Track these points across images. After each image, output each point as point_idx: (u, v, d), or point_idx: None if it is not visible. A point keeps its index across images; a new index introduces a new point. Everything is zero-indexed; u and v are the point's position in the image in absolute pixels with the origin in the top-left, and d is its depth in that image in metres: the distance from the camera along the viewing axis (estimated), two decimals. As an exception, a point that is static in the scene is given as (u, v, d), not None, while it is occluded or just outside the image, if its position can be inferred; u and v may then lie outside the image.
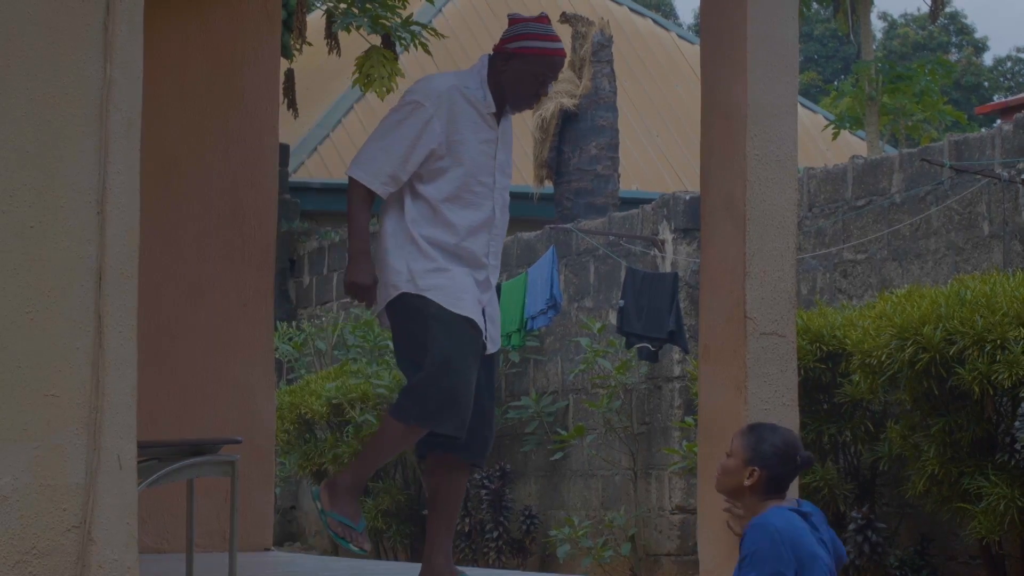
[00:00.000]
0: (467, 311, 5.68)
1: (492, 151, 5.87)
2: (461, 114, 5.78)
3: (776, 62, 6.49)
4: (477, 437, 5.83)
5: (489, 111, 5.84)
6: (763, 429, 4.77)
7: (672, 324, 11.54)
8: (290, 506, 16.52)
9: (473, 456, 5.88)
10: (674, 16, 45.84)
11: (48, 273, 4.45)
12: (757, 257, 6.39)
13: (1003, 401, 8.57)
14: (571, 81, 17.36)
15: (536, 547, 13.58)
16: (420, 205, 5.76)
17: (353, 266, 5.75)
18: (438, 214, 5.75)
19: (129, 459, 4.52)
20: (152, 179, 6.03)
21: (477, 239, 5.81)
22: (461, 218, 5.77)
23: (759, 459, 4.68)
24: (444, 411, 5.64)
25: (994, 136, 10.31)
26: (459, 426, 5.69)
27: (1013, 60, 45.51)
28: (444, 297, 5.68)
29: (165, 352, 7.91)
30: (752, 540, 4.54)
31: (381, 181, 5.74)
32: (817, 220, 11.45)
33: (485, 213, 5.84)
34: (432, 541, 5.87)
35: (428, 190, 5.75)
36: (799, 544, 4.54)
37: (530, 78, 5.84)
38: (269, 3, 8.57)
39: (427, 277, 5.71)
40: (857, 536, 9.52)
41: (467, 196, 5.79)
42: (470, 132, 5.79)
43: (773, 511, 4.62)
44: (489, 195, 5.85)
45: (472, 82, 5.85)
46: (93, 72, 4.53)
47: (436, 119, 5.74)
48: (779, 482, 4.70)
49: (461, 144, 5.77)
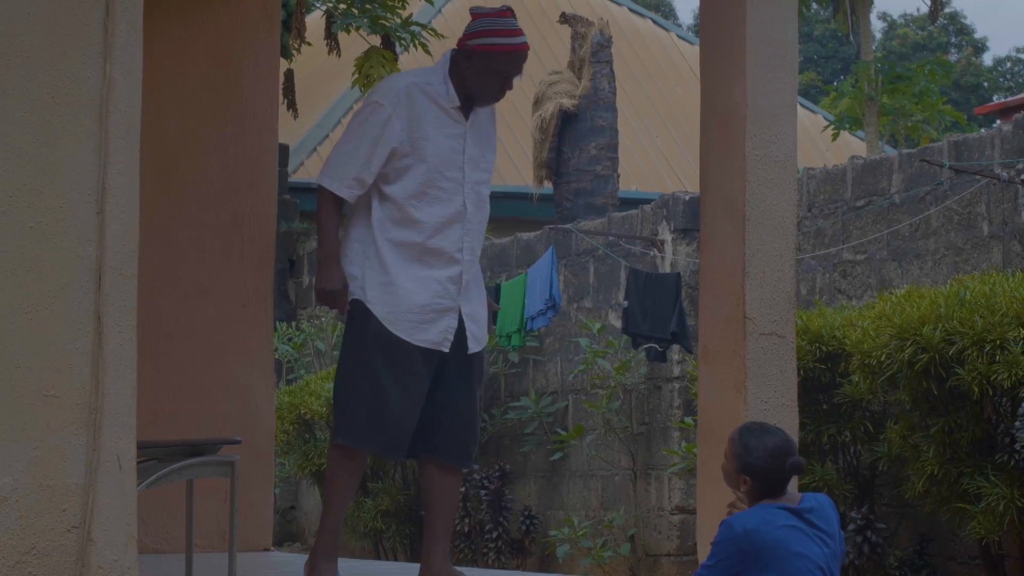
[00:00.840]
0: (404, 332, 5.71)
1: (460, 146, 5.83)
2: (423, 111, 5.78)
3: (775, 62, 6.49)
4: (456, 440, 5.86)
5: (453, 106, 5.82)
6: (750, 436, 4.78)
7: (675, 324, 11.54)
8: (289, 506, 16.52)
9: (455, 459, 5.89)
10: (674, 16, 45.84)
11: (48, 273, 4.45)
12: (756, 257, 6.39)
13: (1003, 401, 8.57)
14: (571, 81, 17.36)
15: (535, 547, 13.58)
16: (387, 206, 5.78)
17: (323, 272, 5.79)
18: (404, 212, 5.75)
19: (129, 459, 4.52)
20: (151, 179, 6.03)
21: (448, 235, 5.79)
22: (428, 215, 5.76)
23: (748, 469, 4.72)
24: (370, 431, 5.73)
25: (993, 137, 10.31)
26: (387, 446, 5.78)
27: (1012, 60, 45.52)
28: (387, 314, 5.73)
29: (165, 352, 7.90)
30: (718, 533, 4.65)
31: (346, 185, 5.77)
32: (816, 220, 11.45)
33: (454, 208, 5.80)
34: (429, 544, 5.90)
35: (393, 189, 5.76)
36: (767, 545, 4.59)
37: (493, 74, 5.81)
38: (268, 3, 8.56)
39: (375, 289, 5.75)
40: (856, 536, 9.52)
41: (433, 192, 5.77)
42: (433, 128, 5.78)
43: (753, 510, 4.68)
44: (459, 190, 5.81)
45: (434, 78, 5.85)
46: (92, 73, 4.53)
47: (395, 118, 5.74)
48: (771, 486, 4.73)
49: (424, 140, 5.76)
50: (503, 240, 14.77)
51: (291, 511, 16.55)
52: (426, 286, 5.75)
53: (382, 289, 5.74)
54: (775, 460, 4.72)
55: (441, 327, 5.78)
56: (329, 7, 11.70)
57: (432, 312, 5.76)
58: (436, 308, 5.76)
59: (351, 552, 14.63)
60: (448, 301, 5.79)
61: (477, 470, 13.69)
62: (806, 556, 4.60)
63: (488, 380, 14.15)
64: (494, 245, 14.84)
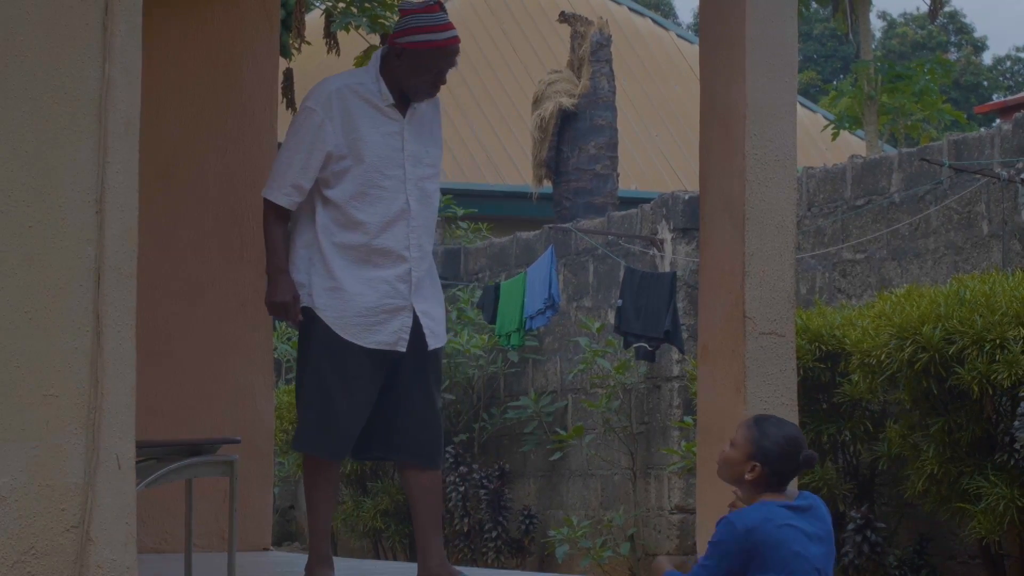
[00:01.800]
0: (354, 337, 5.72)
1: (398, 143, 5.81)
2: (356, 112, 5.77)
3: (775, 62, 6.48)
4: (416, 441, 5.85)
5: (387, 103, 5.81)
6: (768, 424, 4.74)
7: (668, 324, 11.52)
8: (289, 506, 16.51)
9: (420, 460, 5.88)
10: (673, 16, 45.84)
11: (47, 273, 4.45)
12: (756, 257, 6.38)
13: (1002, 401, 8.57)
14: (570, 81, 17.36)
15: (535, 547, 13.57)
16: (330, 210, 5.77)
17: (272, 285, 5.80)
18: (347, 215, 5.75)
19: (128, 459, 4.52)
20: (151, 179, 6.03)
21: (393, 233, 5.78)
22: (370, 215, 5.75)
23: (761, 455, 4.66)
24: (319, 436, 5.77)
25: (993, 136, 10.31)
26: (336, 450, 5.81)
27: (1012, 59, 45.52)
28: (335, 319, 5.74)
29: (164, 352, 7.90)
30: (718, 531, 4.59)
31: (284, 193, 5.79)
32: (816, 220, 11.45)
33: (397, 206, 5.79)
34: (422, 546, 5.92)
35: (334, 193, 5.76)
36: (772, 543, 4.55)
37: (424, 71, 5.79)
38: (267, 2, 8.56)
39: (323, 295, 5.76)
40: (856, 536, 9.52)
41: (374, 192, 5.76)
42: (369, 128, 5.77)
43: (755, 507, 4.63)
44: (400, 187, 5.80)
45: (366, 78, 5.84)
46: (92, 72, 4.53)
47: (328, 121, 5.74)
48: (779, 478, 4.69)
49: (360, 141, 5.75)
50: (502, 239, 14.77)
51: (290, 511, 16.55)
52: (374, 287, 5.75)
53: (329, 294, 5.75)
54: (791, 449, 4.68)
55: (394, 327, 5.77)
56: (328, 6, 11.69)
57: (382, 313, 5.76)
58: (386, 308, 5.76)
59: (350, 552, 14.64)
60: (399, 300, 5.78)
61: (477, 469, 13.69)
62: (805, 556, 4.58)
63: (487, 379, 14.15)
64: (494, 244, 14.84)
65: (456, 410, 14.26)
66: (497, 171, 21.24)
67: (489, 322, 13.42)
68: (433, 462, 5.90)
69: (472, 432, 14.15)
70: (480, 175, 21.05)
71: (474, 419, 14.20)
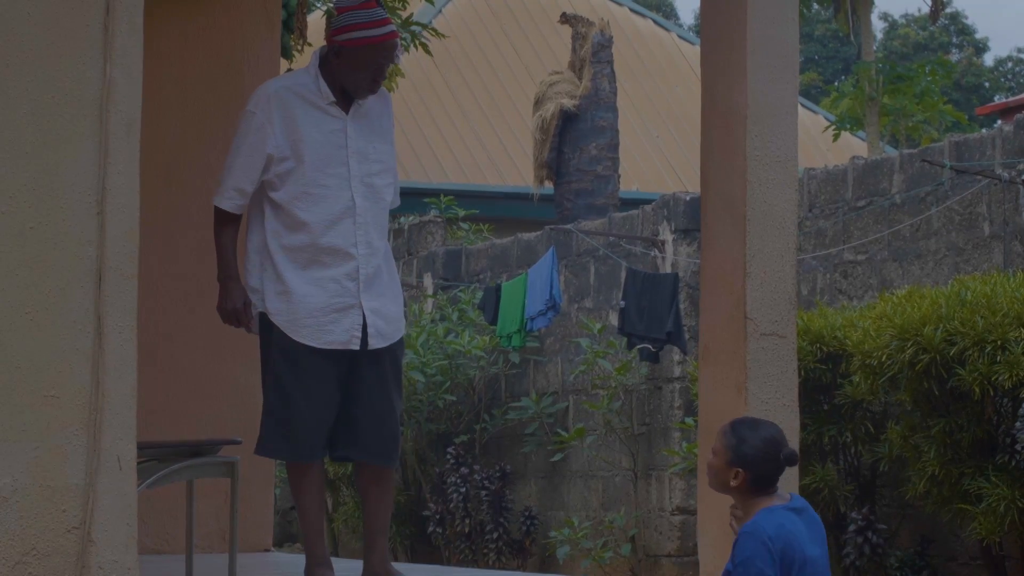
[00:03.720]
0: (307, 338, 5.71)
1: (342, 140, 5.80)
2: (297, 112, 5.77)
3: (776, 63, 6.48)
4: (374, 439, 5.83)
5: (328, 101, 5.80)
6: (743, 428, 4.69)
7: (671, 324, 11.53)
8: (290, 507, 16.50)
9: (374, 458, 5.87)
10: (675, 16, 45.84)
11: (48, 274, 4.45)
12: (757, 258, 6.38)
13: (1003, 402, 8.57)
14: (571, 82, 17.35)
15: (536, 548, 13.57)
16: (277, 212, 5.78)
17: (222, 292, 5.81)
18: (292, 216, 5.75)
19: (129, 460, 4.52)
20: (152, 180, 6.02)
21: (339, 231, 5.76)
22: (314, 215, 5.74)
23: (740, 460, 4.62)
24: (279, 439, 5.77)
25: (994, 137, 10.30)
26: (296, 453, 5.79)
27: (1014, 60, 45.51)
28: (287, 323, 5.74)
29: (165, 352, 7.89)
30: (743, 547, 4.51)
31: (228, 197, 5.82)
32: (817, 221, 11.45)
33: (342, 204, 5.77)
34: (367, 542, 5.93)
35: (279, 195, 5.76)
36: (790, 549, 4.51)
37: (363, 68, 5.78)
38: (269, 3, 8.56)
39: (274, 300, 5.77)
40: (857, 537, 9.52)
41: (317, 191, 5.75)
42: (310, 127, 5.76)
43: (764, 515, 4.57)
44: (345, 185, 5.78)
45: (305, 77, 5.84)
46: (93, 72, 4.53)
47: (267, 123, 5.75)
48: (765, 480, 4.64)
49: (301, 141, 5.75)
50: (504, 240, 14.77)
51: (291, 511, 16.54)
52: (322, 287, 5.75)
53: (279, 298, 5.75)
54: (770, 450, 4.63)
55: (345, 326, 5.76)
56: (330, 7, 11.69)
57: (333, 312, 5.74)
58: (336, 307, 5.75)
59: (351, 552, 14.63)
60: (349, 299, 5.76)
61: (478, 470, 13.69)
62: (812, 560, 4.55)
63: (489, 380, 14.15)
64: (495, 245, 14.84)
65: (457, 411, 14.26)
66: (498, 172, 21.23)
67: (490, 323, 13.42)
68: (390, 460, 5.89)
69: (473, 433, 14.15)
70: (481, 176, 21.05)
71: (475, 420, 14.20)
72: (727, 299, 6.43)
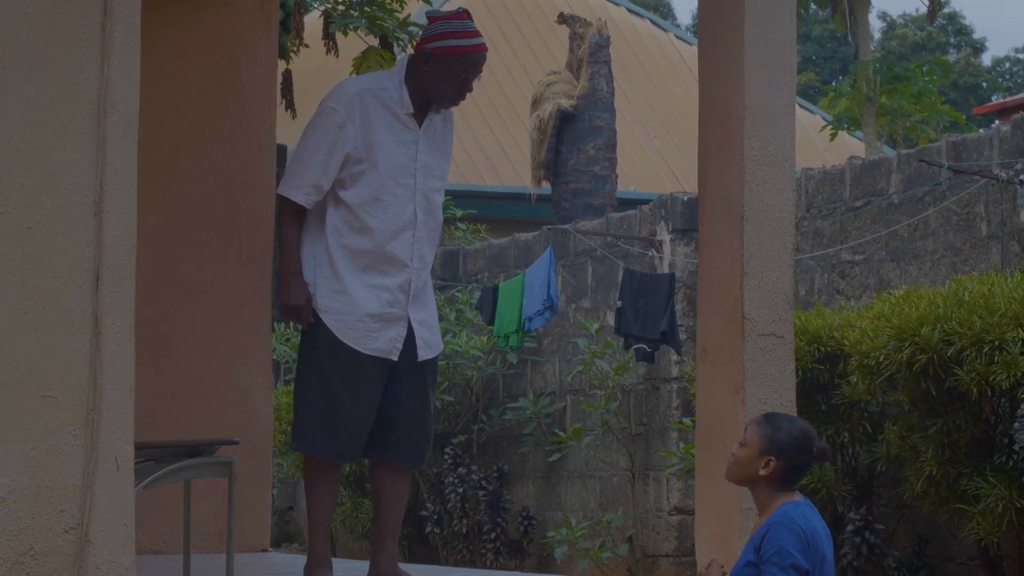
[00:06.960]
0: (352, 341, 5.73)
1: (412, 152, 5.82)
2: (376, 116, 5.78)
3: (774, 63, 6.49)
4: (409, 442, 5.87)
5: (407, 112, 5.81)
6: (780, 419, 4.73)
7: (665, 325, 11.52)
8: (287, 507, 16.51)
9: (407, 460, 5.92)
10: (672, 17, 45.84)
11: (46, 274, 4.45)
12: (755, 258, 6.39)
13: (1001, 402, 8.57)
14: (569, 82, 17.35)
15: (534, 548, 13.57)
16: (342, 211, 5.77)
17: (285, 288, 5.79)
18: (358, 219, 5.75)
19: (126, 460, 4.52)
20: (149, 180, 6.02)
21: (399, 242, 5.79)
22: (380, 221, 5.76)
23: (775, 449, 4.63)
24: (323, 436, 5.76)
25: (992, 137, 10.31)
26: (340, 452, 5.81)
27: (1011, 61, 45.53)
28: (337, 323, 5.74)
29: (162, 353, 7.89)
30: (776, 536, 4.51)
31: (304, 192, 5.78)
32: (815, 221, 11.45)
33: (406, 216, 5.80)
34: (377, 544, 5.93)
35: (348, 195, 5.76)
36: (815, 545, 4.53)
37: (451, 77, 5.79)
38: (266, 4, 8.56)
39: (327, 297, 5.76)
40: (855, 537, 9.52)
41: (386, 199, 5.77)
42: (386, 134, 5.78)
43: (792, 508, 4.58)
44: (410, 197, 5.81)
45: (389, 83, 5.84)
46: (90, 73, 4.53)
47: (349, 123, 5.74)
48: (794, 472, 4.66)
49: (377, 146, 5.76)
50: (501, 240, 14.77)
51: (289, 512, 16.55)
52: (378, 295, 5.77)
53: (333, 297, 5.76)
54: (805, 442, 4.66)
55: (390, 336, 5.79)
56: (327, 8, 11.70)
57: (382, 321, 5.77)
58: (386, 317, 5.77)
59: (351, 552, 14.64)
60: (398, 310, 5.80)
61: (475, 471, 13.69)
62: (829, 560, 4.57)
63: (486, 381, 14.15)
64: (492, 245, 14.84)
65: (455, 411, 14.26)
66: (496, 172, 21.23)
67: (488, 323, 13.42)
68: (419, 462, 5.95)
69: (471, 433, 14.15)
70: (479, 176, 21.05)
71: (473, 420, 14.19)
72: (725, 299, 6.44)
